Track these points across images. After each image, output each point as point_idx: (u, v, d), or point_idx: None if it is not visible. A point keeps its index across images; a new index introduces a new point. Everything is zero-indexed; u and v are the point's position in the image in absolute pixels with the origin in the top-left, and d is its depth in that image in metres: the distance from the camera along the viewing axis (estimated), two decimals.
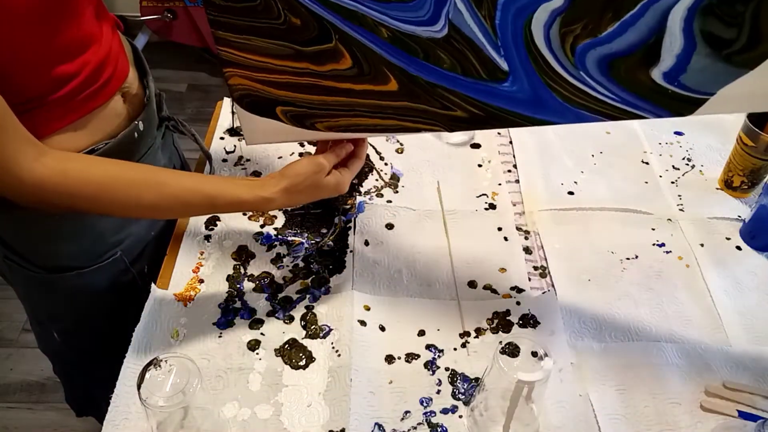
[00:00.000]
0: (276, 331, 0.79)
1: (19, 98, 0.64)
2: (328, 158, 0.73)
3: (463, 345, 0.79)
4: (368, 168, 1.04)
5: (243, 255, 0.89)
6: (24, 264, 0.83)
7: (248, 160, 1.04)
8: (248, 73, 0.69)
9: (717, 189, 1.03)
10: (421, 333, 0.80)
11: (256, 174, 1.01)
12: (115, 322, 0.93)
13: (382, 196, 0.99)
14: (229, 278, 0.85)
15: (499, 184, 1.02)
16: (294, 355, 0.77)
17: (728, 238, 0.95)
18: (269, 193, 0.71)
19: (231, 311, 0.81)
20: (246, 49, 0.68)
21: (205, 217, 0.93)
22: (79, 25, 0.69)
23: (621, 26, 0.57)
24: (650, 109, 0.62)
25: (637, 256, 0.91)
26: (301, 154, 1.05)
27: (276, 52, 0.68)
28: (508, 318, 0.82)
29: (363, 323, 0.80)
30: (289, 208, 0.95)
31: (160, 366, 0.62)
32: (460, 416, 0.72)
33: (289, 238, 0.91)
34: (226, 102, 1.14)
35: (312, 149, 1.06)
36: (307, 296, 0.84)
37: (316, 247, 0.90)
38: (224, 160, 1.03)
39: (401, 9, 0.64)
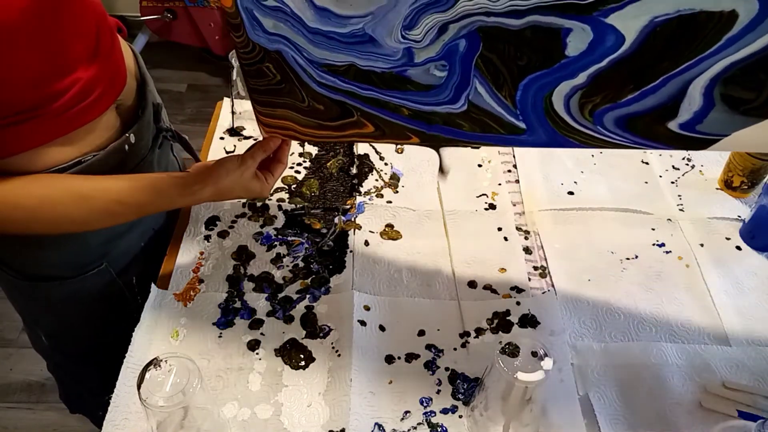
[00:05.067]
0: (276, 331, 0.79)
1: (7, 111, 0.63)
2: (254, 156, 0.76)
3: (463, 345, 0.79)
4: (368, 168, 1.04)
5: (243, 255, 0.89)
6: (6, 270, 0.82)
7: None
8: (276, 130, 0.73)
9: (717, 189, 1.03)
10: (421, 333, 0.80)
11: None
12: (102, 328, 0.91)
13: (382, 196, 0.99)
14: (229, 278, 0.85)
15: (499, 184, 1.02)
16: (294, 355, 0.77)
17: (728, 238, 0.95)
18: (199, 197, 0.75)
19: (231, 311, 0.81)
20: (275, 116, 0.72)
21: (205, 217, 0.93)
22: (76, 41, 0.67)
23: (641, 94, 0.60)
24: (664, 147, 0.64)
25: (637, 256, 0.91)
26: (301, 154, 1.05)
27: (300, 122, 0.72)
28: (508, 318, 0.82)
29: (363, 323, 0.80)
30: (289, 208, 0.95)
31: (160, 366, 0.61)
32: (460, 416, 0.72)
33: (289, 238, 0.91)
34: (226, 102, 1.13)
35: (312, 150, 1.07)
36: (307, 296, 0.84)
37: (316, 247, 0.90)
38: None
39: (422, 95, 0.66)
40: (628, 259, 0.91)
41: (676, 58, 0.57)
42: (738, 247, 0.94)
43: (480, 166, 1.05)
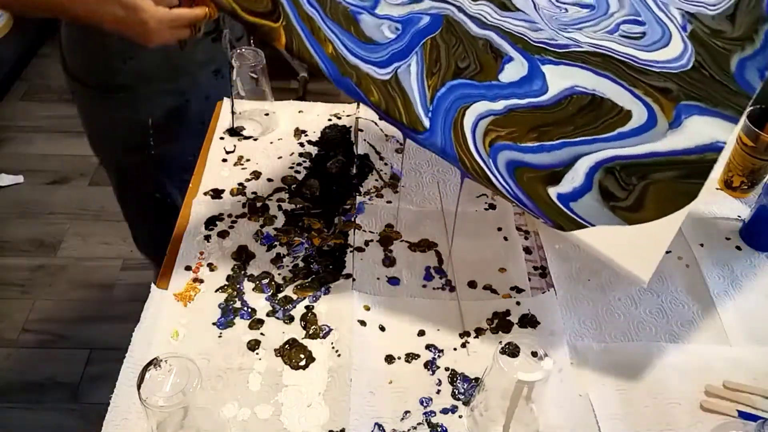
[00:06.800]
0: (276, 331, 0.79)
1: None
2: None
3: (463, 345, 0.79)
4: (368, 168, 1.04)
5: (243, 255, 0.89)
6: (82, 83, 0.89)
7: (248, 160, 1.04)
8: None
9: (717, 189, 1.03)
10: (421, 333, 0.80)
11: (257, 174, 1.01)
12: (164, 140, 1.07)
13: (382, 196, 0.99)
14: (229, 278, 0.85)
15: None
16: (294, 355, 0.77)
17: (728, 238, 0.95)
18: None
19: (231, 311, 0.81)
20: None
21: (204, 217, 0.93)
22: None
23: (539, 147, 0.67)
24: (535, 212, 0.68)
25: None
26: (301, 154, 1.05)
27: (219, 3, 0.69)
28: (508, 318, 0.82)
29: (363, 323, 0.80)
30: (289, 208, 0.95)
31: (160, 366, 0.61)
32: (460, 416, 0.72)
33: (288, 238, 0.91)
34: (226, 102, 1.14)
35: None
36: (307, 296, 0.84)
37: (316, 247, 0.90)
38: (224, 160, 1.03)
39: (356, 44, 0.67)
40: None
41: (577, 128, 0.67)
42: (738, 247, 0.94)
43: None
